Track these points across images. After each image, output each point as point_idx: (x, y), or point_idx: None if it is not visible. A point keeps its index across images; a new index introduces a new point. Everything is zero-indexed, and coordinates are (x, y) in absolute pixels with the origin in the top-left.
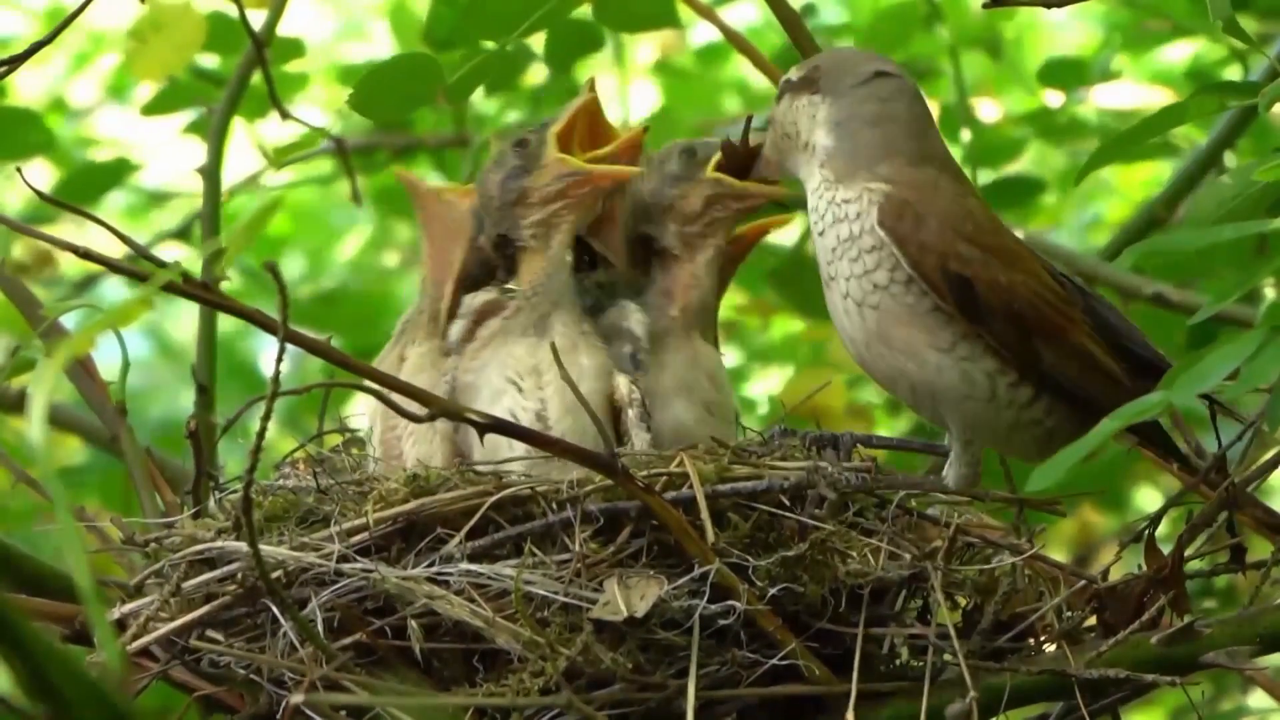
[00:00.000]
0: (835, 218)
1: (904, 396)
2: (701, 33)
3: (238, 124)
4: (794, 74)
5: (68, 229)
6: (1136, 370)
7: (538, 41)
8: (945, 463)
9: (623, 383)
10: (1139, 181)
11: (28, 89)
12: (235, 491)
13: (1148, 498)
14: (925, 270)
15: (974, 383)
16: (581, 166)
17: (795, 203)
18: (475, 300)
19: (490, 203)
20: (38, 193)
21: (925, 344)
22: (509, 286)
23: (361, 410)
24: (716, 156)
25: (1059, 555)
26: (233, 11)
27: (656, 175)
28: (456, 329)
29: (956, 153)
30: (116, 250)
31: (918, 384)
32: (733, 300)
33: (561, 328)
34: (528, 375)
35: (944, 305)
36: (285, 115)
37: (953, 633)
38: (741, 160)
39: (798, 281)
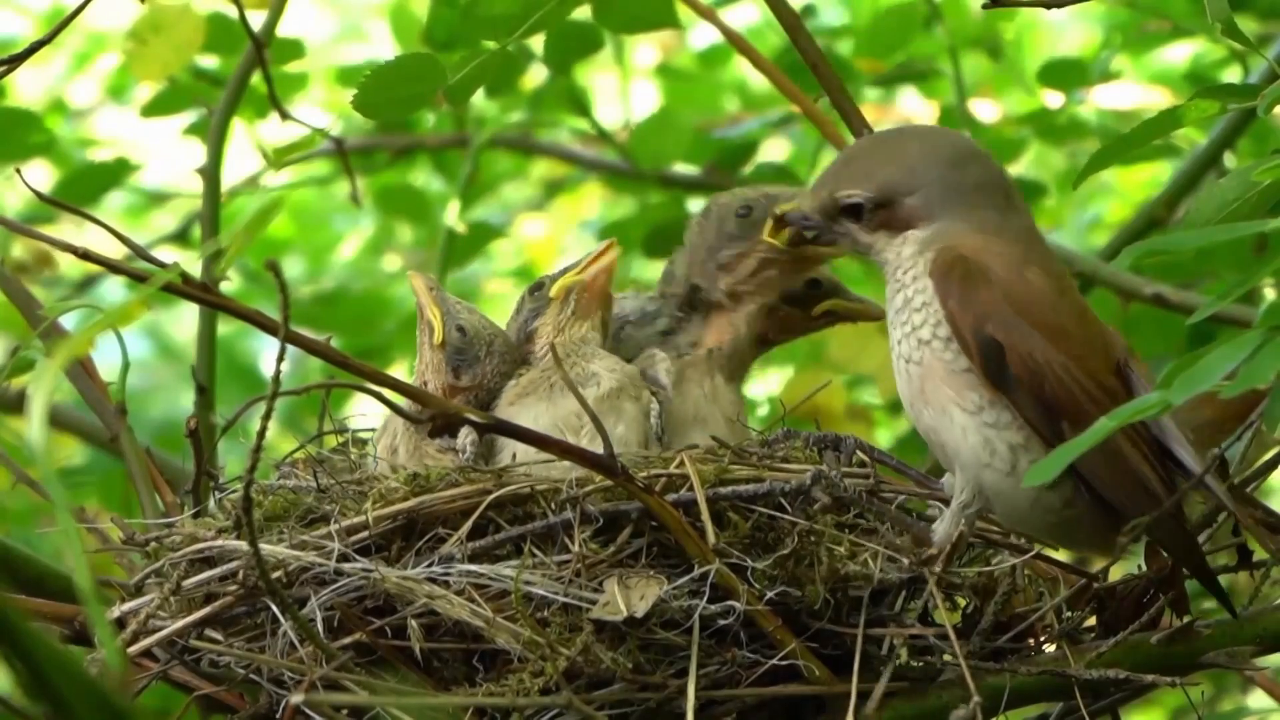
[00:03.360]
0: (900, 274)
1: (940, 457)
2: (702, 34)
3: (238, 124)
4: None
5: (68, 229)
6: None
7: (538, 42)
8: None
9: (646, 395)
10: (1139, 182)
11: (28, 89)
12: (235, 491)
13: None
14: (960, 326)
15: (995, 452)
16: (575, 279)
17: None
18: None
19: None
20: (37, 193)
21: (952, 402)
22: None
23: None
24: (769, 224)
25: (1059, 556)
26: (233, 12)
27: (715, 232)
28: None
29: None
30: (116, 251)
31: (946, 443)
32: None
33: (609, 374)
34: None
35: (972, 366)
36: (285, 116)
37: (952, 634)
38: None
39: None
